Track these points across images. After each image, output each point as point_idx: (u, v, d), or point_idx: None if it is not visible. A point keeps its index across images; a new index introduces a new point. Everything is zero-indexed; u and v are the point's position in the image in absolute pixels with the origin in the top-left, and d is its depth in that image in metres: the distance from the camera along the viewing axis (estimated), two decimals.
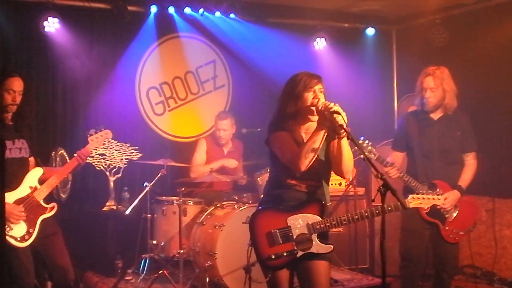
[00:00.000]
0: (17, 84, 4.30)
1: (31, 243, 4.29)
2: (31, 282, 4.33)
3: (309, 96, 3.52)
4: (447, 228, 4.82)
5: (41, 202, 4.38)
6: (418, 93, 4.93)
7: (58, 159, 5.56)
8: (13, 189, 4.26)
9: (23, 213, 4.24)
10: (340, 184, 6.47)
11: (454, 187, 4.82)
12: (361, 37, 7.55)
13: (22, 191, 4.32)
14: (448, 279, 5.01)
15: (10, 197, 4.24)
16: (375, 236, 6.43)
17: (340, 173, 3.59)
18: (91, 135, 4.67)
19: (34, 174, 4.41)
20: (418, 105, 4.95)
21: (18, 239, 4.22)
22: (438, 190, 4.72)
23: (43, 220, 4.37)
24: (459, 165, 4.92)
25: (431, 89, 4.80)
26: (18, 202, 4.26)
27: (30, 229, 4.28)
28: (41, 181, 4.41)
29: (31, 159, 4.48)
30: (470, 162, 4.93)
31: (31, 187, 4.35)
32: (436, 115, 4.91)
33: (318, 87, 3.54)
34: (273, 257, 3.49)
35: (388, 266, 3.23)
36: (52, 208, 4.44)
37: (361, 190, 6.60)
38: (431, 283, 5.21)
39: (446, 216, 4.82)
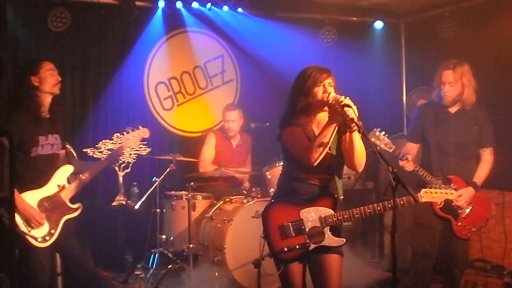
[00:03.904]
0: (53, 67, 4.31)
1: (52, 244, 4.20)
2: (46, 279, 4.26)
3: (318, 90, 3.51)
4: (460, 224, 4.79)
5: (67, 202, 4.30)
6: (436, 86, 4.85)
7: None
8: (41, 186, 4.17)
9: (44, 220, 4.15)
10: (349, 178, 6.43)
11: (469, 183, 4.75)
12: (369, 31, 7.52)
13: (49, 189, 4.23)
14: (459, 274, 5.00)
15: (36, 195, 4.16)
16: (384, 231, 6.41)
17: (353, 167, 3.58)
18: (127, 132, 4.60)
19: (63, 172, 4.32)
20: (436, 98, 4.87)
21: (39, 239, 4.14)
22: (452, 185, 4.65)
23: (66, 220, 4.29)
24: (474, 159, 4.86)
25: (450, 83, 4.72)
26: (43, 200, 4.18)
27: (52, 230, 4.20)
28: (72, 178, 4.32)
29: (62, 153, 4.39)
30: (487, 158, 4.87)
31: (59, 186, 4.27)
32: (453, 109, 4.84)
33: (327, 81, 3.52)
34: (285, 249, 3.49)
35: (397, 260, 3.21)
36: (77, 209, 4.35)
37: (370, 184, 6.58)
38: (442, 278, 5.19)
39: (459, 212, 4.78)
